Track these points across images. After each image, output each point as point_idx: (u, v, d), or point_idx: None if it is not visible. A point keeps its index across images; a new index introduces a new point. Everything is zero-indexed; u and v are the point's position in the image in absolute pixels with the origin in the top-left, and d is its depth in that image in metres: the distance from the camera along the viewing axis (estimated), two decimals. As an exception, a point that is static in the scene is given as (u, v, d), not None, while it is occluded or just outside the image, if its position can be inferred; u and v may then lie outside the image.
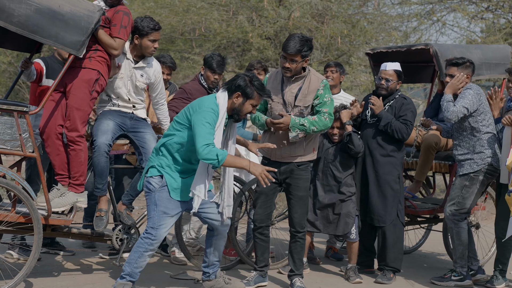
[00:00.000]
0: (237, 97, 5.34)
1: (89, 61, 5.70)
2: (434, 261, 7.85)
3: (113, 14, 5.79)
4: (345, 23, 12.39)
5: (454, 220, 6.41)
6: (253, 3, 12.43)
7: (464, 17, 13.44)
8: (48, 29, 5.20)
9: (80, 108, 5.62)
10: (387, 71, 6.62)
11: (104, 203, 5.95)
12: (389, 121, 6.48)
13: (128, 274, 5.31)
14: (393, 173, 6.56)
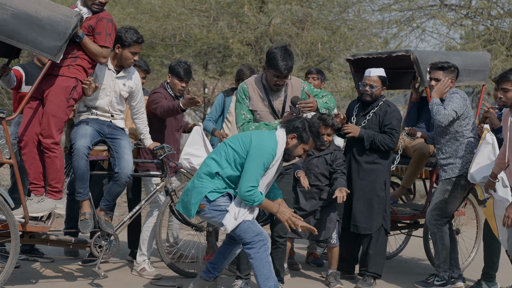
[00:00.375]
0: (292, 138, 5.35)
1: (68, 69, 5.68)
2: (414, 266, 7.86)
3: (97, 22, 5.78)
4: (325, 30, 12.42)
5: (436, 225, 6.42)
6: (233, 9, 12.42)
7: (444, 23, 13.52)
8: (25, 34, 5.16)
9: (56, 115, 5.59)
10: (372, 77, 6.61)
11: (87, 207, 5.91)
12: (371, 139, 6.48)
13: (275, 286, 5.27)
14: (379, 181, 6.54)
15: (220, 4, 12.52)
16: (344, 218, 6.69)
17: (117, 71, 6.12)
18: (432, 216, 6.43)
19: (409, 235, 8.22)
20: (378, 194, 6.53)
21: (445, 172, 6.42)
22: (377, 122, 6.55)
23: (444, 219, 6.43)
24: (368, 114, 6.61)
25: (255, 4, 12.29)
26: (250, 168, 5.15)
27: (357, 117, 6.69)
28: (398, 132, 6.54)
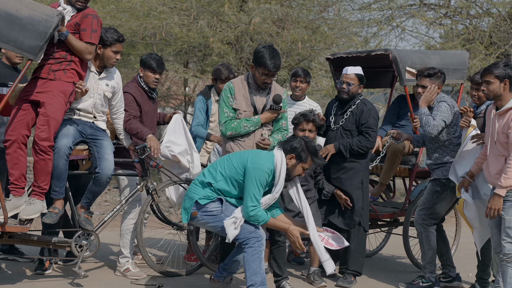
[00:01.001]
0: (291, 158, 5.46)
1: (64, 73, 5.73)
2: (394, 264, 7.91)
3: (82, 19, 5.78)
4: (305, 29, 12.44)
5: (423, 225, 6.43)
6: (214, 8, 12.41)
7: (423, 23, 13.62)
8: (6, 33, 5.13)
9: (55, 118, 5.62)
10: (348, 75, 6.65)
11: (59, 204, 5.88)
12: (348, 147, 6.51)
13: (261, 282, 5.36)
14: (356, 179, 6.57)
15: (200, 3, 12.49)
16: (325, 215, 6.71)
17: (99, 72, 6.13)
18: (420, 215, 6.45)
19: (389, 233, 8.27)
20: (355, 192, 6.56)
21: (435, 173, 6.46)
22: (354, 121, 6.59)
23: (431, 219, 6.43)
24: (346, 113, 6.65)
25: (235, 3, 12.29)
26: (247, 189, 5.31)
27: (335, 116, 6.73)
28: (375, 130, 6.57)
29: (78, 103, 6.00)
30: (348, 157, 6.53)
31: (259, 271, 5.32)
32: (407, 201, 7.33)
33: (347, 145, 6.50)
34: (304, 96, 7.54)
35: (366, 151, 6.55)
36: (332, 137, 6.67)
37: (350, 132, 6.59)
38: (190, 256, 7.05)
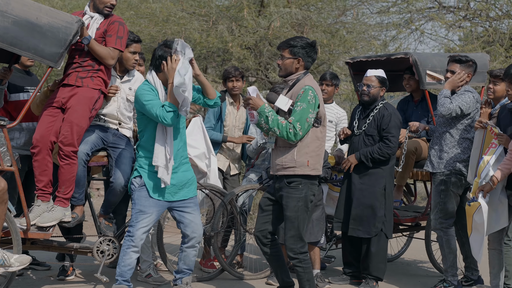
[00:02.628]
0: (164, 66, 5.45)
1: (91, 80, 5.77)
2: (416, 269, 7.86)
3: (108, 25, 5.82)
4: (324, 33, 12.41)
5: (442, 229, 6.37)
6: (233, 13, 12.42)
7: (442, 26, 13.53)
8: (27, 41, 5.16)
9: (79, 124, 5.65)
10: (369, 77, 6.64)
11: (79, 210, 5.91)
12: (369, 156, 6.49)
13: (119, 274, 5.49)
14: (379, 185, 6.53)
15: (219, 8, 12.51)
16: (344, 222, 6.68)
17: (121, 76, 6.16)
18: (436, 220, 6.39)
19: (411, 238, 8.22)
20: (378, 198, 6.52)
21: (432, 164, 6.40)
22: (375, 126, 6.56)
23: (448, 220, 6.37)
24: (368, 117, 6.62)
25: (254, 8, 12.29)
26: (147, 111, 5.42)
27: (359, 120, 6.70)
28: (395, 135, 6.52)
29: (103, 108, 6.03)
30: (371, 166, 6.49)
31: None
32: (428, 205, 7.28)
33: (368, 154, 6.47)
34: (331, 100, 7.54)
35: (387, 158, 6.50)
36: (356, 142, 6.64)
37: (372, 137, 6.55)
38: (207, 262, 7.04)
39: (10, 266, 5.04)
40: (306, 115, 5.30)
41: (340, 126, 7.44)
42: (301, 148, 5.39)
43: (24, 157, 6.08)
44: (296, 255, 5.50)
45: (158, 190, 5.49)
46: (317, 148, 5.44)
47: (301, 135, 5.32)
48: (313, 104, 5.33)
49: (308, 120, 5.31)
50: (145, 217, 5.46)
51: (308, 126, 5.34)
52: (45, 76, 5.45)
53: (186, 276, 5.73)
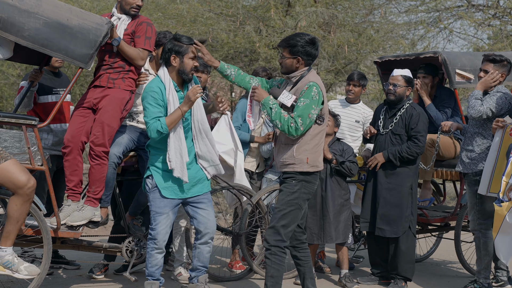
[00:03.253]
0: (174, 59, 5.44)
1: (123, 81, 5.82)
2: (445, 269, 7.80)
3: (136, 26, 5.86)
4: (351, 32, 12.38)
5: (481, 230, 6.25)
6: (260, 13, 12.43)
7: (471, 24, 13.40)
8: (58, 42, 5.21)
9: (111, 125, 5.68)
10: (395, 77, 6.61)
11: (103, 213, 5.92)
12: (397, 155, 6.47)
13: (149, 274, 5.53)
14: (406, 184, 6.50)
15: (246, 8, 12.53)
16: (370, 222, 6.66)
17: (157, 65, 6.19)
18: (475, 221, 6.27)
19: (440, 238, 8.16)
20: (405, 197, 6.49)
21: (463, 164, 6.30)
22: (403, 125, 6.53)
23: (486, 221, 6.22)
24: (395, 117, 6.59)
25: (281, 7, 12.29)
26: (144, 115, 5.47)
27: (384, 120, 6.67)
28: (424, 135, 6.49)
29: (137, 106, 6.06)
30: (399, 165, 6.47)
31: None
32: (458, 205, 7.22)
33: (396, 153, 6.45)
34: (358, 100, 7.52)
35: (416, 157, 6.47)
36: (382, 141, 6.62)
37: (400, 137, 6.52)
38: (236, 264, 7.05)
39: (17, 272, 5.04)
40: (309, 110, 5.21)
41: (367, 126, 7.41)
42: (301, 145, 5.31)
43: (52, 157, 6.14)
44: (270, 246, 5.34)
45: (170, 188, 5.48)
46: (317, 145, 5.35)
47: (302, 131, 5.22)
48: (316, 100, 5.24)
49: (310, 116, 5.22)
50: (162, 218, 5.47)
51: (310, 122, 5.24)
52: (75, 77, 5.50)
53: (201, 274, 5.70)
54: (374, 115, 6.92)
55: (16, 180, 4.87)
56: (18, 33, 5.04)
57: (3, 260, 4.97)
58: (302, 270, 5.67)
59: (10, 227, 4.96)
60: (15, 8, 5.01)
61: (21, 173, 4.90)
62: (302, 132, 5.24)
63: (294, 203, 5.33)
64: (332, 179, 6.55)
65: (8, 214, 4.95)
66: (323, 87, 5.36)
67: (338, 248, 6.67)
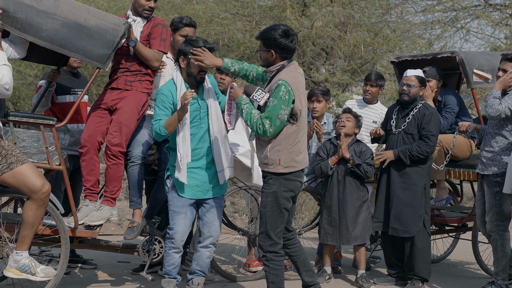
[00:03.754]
0: (182, 61, 5.47)
1: (140, 84, 5.87)
2: (463, 270, 7.76)
3: (152, 28, 5.90)
4: (368, 32, 12.35)
5: (498, 232, 6.19)
6: (276, 13, 12.44)
7: (488, 24, 13.33)
8: (75, 43, 5.25)
9: (128, 125, 5.73)
10: (409, 77, 6.59)
11: (138, 216, 5.95)
12: (407, 154, 6.45)
13: (166, 273, 5.58)
14: (419, 183, 6.49)
15: (262, 9, 12.54)
16: (384, 222, 6.65)
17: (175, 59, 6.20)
18: (492, 222, 6.21)
19: (457, 238, 8.12)
20: (418, 197, 6.47)
21: (484, 165, 6.25)
22: (416, 124, 6.51)
23: (504, 222, 6.17)
24: (408, 116, 6.57)
25: (297, 7, 12.29)
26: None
27: (396, 120, 6.65)
28: (435, 135, 6.47)
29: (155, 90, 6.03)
30: (408, 163, 6.45)
31: None
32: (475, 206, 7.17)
33: (407, 152, 6.43)
34: (376, 100, 7.50)
35: (426, 156, 6.45)
36: (394, 141, 6.60)
37: (412, 136, 6.51)
38: (252, 263, 7.04)
39: (34, 275, 5.07)
40: (277, 111, 5.01)
41: None
42: (274, 145, 5.14)
43: (68, 157, 6.17)
44: (265, 253, 5.27)
45: (188, 188, 5.48)
46: (291, 145, 5.15)
47: (272, 132, 5.05)
48: (286, 100, 5.01)
49: (280, 117, 5.02)
50: (180, 218, 5.48)
51: (281, 123, 5.05)
52: (92, 77, 5.53)
53: (196, 276, 5.69)
54: (386, 115, 6.90)
55: (31, 184, 4.89)
56: (37, 33, 5.08)
57: (19, 264, 4.99)
58: (296, 265, 5.62)
59: (25, 231, 4.98)
60: (33, 9, 5.05)
61: (36, 177, 4.91)
62: (273, 134, 5.08)
63: (275, 203, 5.18)
64: (349, 181, 6.53)
65: (23, 219, 4.97)
66: (296, 85, 5.09)
67: (356, 248, 6.66)
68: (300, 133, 5.20)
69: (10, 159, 4.87)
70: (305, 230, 6.91)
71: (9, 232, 5.17)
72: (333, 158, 6.55)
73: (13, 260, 5.01)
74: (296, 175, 5.23)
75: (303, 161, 5.26)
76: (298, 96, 5.10)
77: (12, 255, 5.03)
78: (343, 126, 6.58)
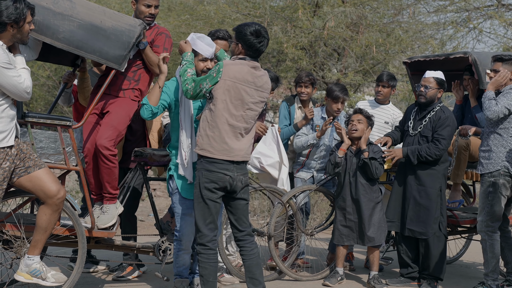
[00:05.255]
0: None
1: (132, 92, 5.89)
2: (475, 271, 7.75)
3: (156, 35, 5.93)
4: (380, 32, 12.34)
5: (487, 232, 6.23)
6: (287, 14, 12.45)
7: (501, 24, 13.29)
8: (92, 44, 5.28)
9: (118, 128, 5.71)
10: (427, 78, 6.61)
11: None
12: (415, 153, 6.48)
13: (177, 273, 5.64)
14: (435, 186, 6.50)
15: (274, 9, 12.56)
16: (397, 222, 6.66)
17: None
18: (483, 223, 6.23)
19: (470, 240, 8.11)
20: (434, 199, 6.48)
21: (481, 166, 6.25)
22: (431, 127, 6.52)
23: (494, 224, 6.21)
24: (424, 119, 6.57)
25: (309, 8, 12.30)
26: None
27: (414, 121, 6.66)
28: (446, 138, 6.46)
29: None
30: (415, 163, 6.46)
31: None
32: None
33: (415, 151, 6.45)
34: (388, 101, 7.51)
35: (435, 158, 6.45)
36: (410, 143, 6.62)
37: (427, 139, 6.53)
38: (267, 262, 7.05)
39: (44, 280, 5.08)
40: (203, 81, 5.10)
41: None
42: (200, 127, 5.19)
43: None
44: (196, 245, 5.23)
45: (191, 189, 5.47)
46: (204, 129, 5.12)
47: (191, 95, 5.16)
48: (212, 77, 5.09)
49: (201, 86, 5.10)
50: (186, 220, 5.51)
51: (199, 92, 5.12)
52: (108, 79, 5.55)
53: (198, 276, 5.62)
54: (404, 115, 6.91)
55: (47, 189, 4.93)
56: (53, 35, 5.11)
57: (30, 269, 5.02)
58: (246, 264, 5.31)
59: (38, 236, 5.02)
60: (50, 11, 5.09)
61: (53, 183, 4.96)
62: (191, 97, 5.18)
63: (197, 195, 5.13)
64: (361, 183, 6.53)
65: (36, 224, 5.00)
66: (233, 73, 5.09)
67: (370, 250, 6.66)
68: (218, 120, 5.09)
69: (28, 162, 4.91)
70: (317, 231, 6.92)
71: (28, 233, 5.20)
72: (342, 148, 6.57)
73: (25, 264, 5.03)
74: (218, 167, 5.10)
75: (225, 151, 5.11)
76: (225, 82, 5.08)
77: (23, 259, 5.06)
78: (355, 130, 6.59)
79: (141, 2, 5.93)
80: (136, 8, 5.99)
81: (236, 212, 5.27)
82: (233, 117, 5.11)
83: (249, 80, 5.15)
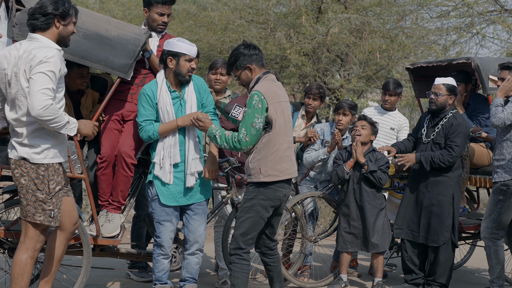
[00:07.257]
0: (170, 61, 5.47)
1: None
2: (480, 278, 7.75)
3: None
4: (383, 38, 12.36)
5: (491, 239, 6.25)
6: (291, 20, 12.48)
7: (504, 29, 13.30)
8: (97, 54, 5.30)
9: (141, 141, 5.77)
10: (437, 85, 6.58)
11: None
12: (429, 160, 6.45)
13: (156, 279, 5.63)
14: (447, 194, 6.47)
15: (277, 15, 12.59)
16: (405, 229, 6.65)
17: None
18: (487, 229, 6.25)
19: (474, 246, 8.11)
20: (446, 207, 6.46)
21: (496, 174, 6.26)
22: (443, 134, 6.50)
23: (499, 231, 6.24)
24: (437, 126, 6.57)
25: (312, 14, 12.32)
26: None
27: (427, 129, 6.66)
28: (459, 145, 6.42)
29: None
30: (428, 169, 6.46)
31: None
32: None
33: (428, 157, 6.44)
34: (394, 107, 7.53)
35: (448, 165, 6.44)
36: (423, 150, 6.60)
37: (439, 146, 6.50)
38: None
39: None
40: (251, 120, 5.06)
41: (401, 133, 7.40)
42: (254, 155, 5.16)
43: None
44: (230, 256, 5.29)
45: (171, 196, 5.51)
46: (270, 153, 5.13)
47: (249, 141, 5.09)
48: (259, 109, 5.06)
49: (254, 125, 5.06)
50: (166, 227, 5.54)
51: (256, 132, 5.08)
52: (113, 87, 5.57)
53: (188, 283, 5.70)
54: (418, 123, 6.90)
55: (73, 216, 4.88)
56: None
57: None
58: (270, 275, 5.53)
59: (53, 268, 4.87)
60: (55, 21, 5.10)
61: (76, 210, 4.94)
62: (250, 143, 5.11)
63: (252, 210, 5.15)
64: (365, 189, 6.54)
65: (49, 255, 4.86)
66: (269, 94, 5.13)
67: (374, 256, 6.67)
68: (278, 141, 5.17)
69: (68, 186, 4.91)
70: (321, 237, 6.93)
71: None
72: (349, 162, 6.58)
73: None
74: (278, 185, 5.20)
75: (287, 171, 5.22)
76: (273, 105, 5.14)
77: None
78: (359, 134, 6.61)
79: (154, 10, 5.97)
80: (148, 16, 6.02)
81: (274, 225, 5.43)
82: (287, 134, 5.27)
83: (281, 94, 5.28)
